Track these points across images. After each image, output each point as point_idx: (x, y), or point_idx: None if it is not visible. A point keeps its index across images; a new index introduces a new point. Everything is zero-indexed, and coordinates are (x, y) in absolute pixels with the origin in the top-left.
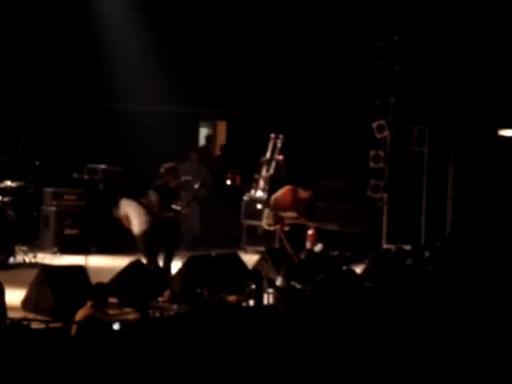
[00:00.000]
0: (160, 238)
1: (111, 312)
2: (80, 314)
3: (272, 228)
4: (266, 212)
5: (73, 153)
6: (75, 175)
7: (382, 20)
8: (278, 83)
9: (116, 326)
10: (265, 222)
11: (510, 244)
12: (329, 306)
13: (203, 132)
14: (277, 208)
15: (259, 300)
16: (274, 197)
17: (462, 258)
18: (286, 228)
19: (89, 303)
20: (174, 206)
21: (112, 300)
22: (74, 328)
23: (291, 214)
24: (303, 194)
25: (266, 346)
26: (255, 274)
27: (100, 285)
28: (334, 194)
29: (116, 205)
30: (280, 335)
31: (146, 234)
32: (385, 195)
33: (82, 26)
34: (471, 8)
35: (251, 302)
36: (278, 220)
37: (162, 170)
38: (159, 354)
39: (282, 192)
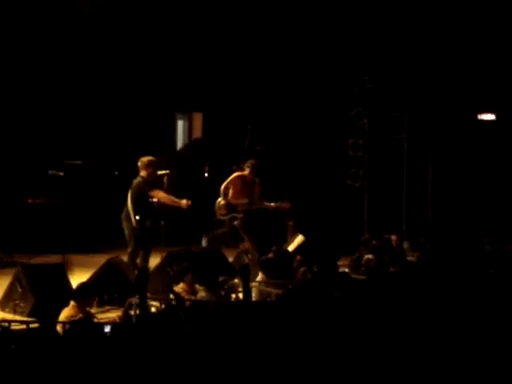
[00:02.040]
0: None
1: (93, 311)
2: (65, 314)
3: (226, 218)
4: (218, 202)
5: (47, 148)
6: (50, 172)
7: (360, 4)
8: (254, 72)
9: (107, 329)
10: (218, 213)
11: (491, 228)
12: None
13: (179, 125)
14: (227, 196)
15: (248, 295)
16: (223, 186)
17: (444, 246)
18: (240, 215)
19: (72, 303)
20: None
21: None
22: (59, 328)
23: (242, 201)
24: (249, 178)
25: (257, 343)
26: (243, 268)
27: (84, 284)
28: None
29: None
30: (274, 331)
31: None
32: (365, 184)
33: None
34: None
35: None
36: (230, 209)
37: (139, 163)
38: (152, 353)
39: (230, 180)
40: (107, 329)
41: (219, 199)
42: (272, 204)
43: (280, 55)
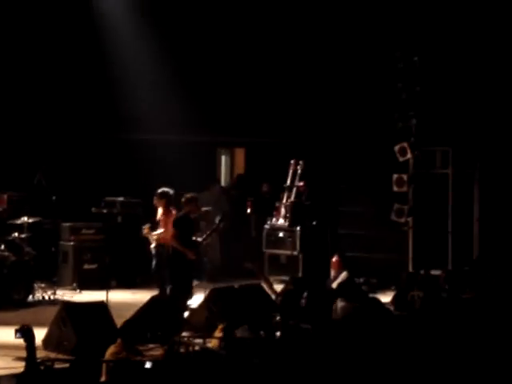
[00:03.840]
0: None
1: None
2: (110, 352)
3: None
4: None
5: (89, 186)
6: (93, 209)
7: (401, 41)
8: (298, 108)
9: (148, 365)
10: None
11: None
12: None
13: (222, 160)
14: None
15: (287, 331)
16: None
17: (492, 281)
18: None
19: (118, 341)
20: (194, 238)
21: None
22: (103, 367)
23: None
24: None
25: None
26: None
27: (129, 322)
28: (357, 220)
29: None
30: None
31: None
32: (410, 219)
33: (97, 58)
34: (490, 28)
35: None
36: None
37: (182, 199)
38: None
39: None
40: (148, 365)
41: None
42: None
43: (325, 90)
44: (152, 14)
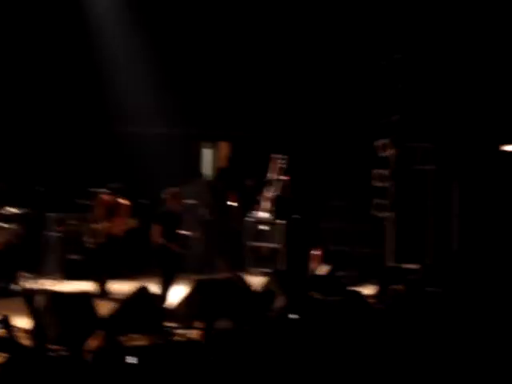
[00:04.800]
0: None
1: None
2: (93, 344)
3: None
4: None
5: (74, 177)
6: (78, 201)
7: (384, 38)
8: (282, 103)
9: (132, 360)
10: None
11: None
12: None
13: (206, 153)
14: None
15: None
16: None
17: (469, 275)
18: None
19: (100, 333)
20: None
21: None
22: (88, 356)
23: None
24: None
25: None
26: (267, 295)
27: (113, 316)
28: (338, 214)
29: None
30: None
31: None
32: (391, 214)
33: (84, 52)
34: (471, 25)
35: None
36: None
37: (164, 195)
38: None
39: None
40: (132, 360)
41: None
42: None
43: (307, 86)
44: (137, 9)
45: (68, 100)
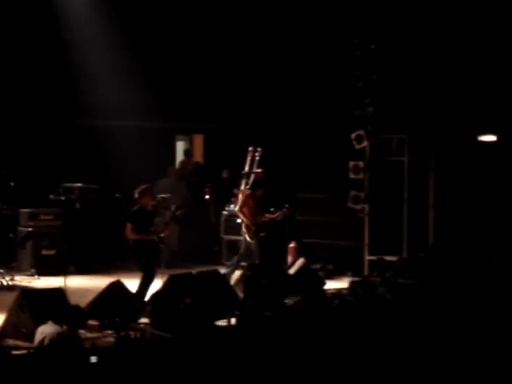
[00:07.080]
0: None
1: (90, 335)
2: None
3: (255, 239)
4: (243, 226)
5: (47, 172)
6: (51, 196)
7: (359, 29)
8: (255, 95)
9: (93, 359)
10: (248, 237)
11: (493, 250)
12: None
13: (180, 146)
14: (246, 216)
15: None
16: (238, 208)
17: (445, 267)
18: (263, 234)
19: (64, 327)
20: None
21: (93, 322)
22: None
23: (264, 217)
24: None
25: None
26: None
27: (75, 308)
28: (314, 207)
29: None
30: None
31: None
32: (366, 206)
33: (55, 44)
34: (446, 16)
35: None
36: (257, 229)
37: (135, 194)
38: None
39: (243, 200)
40: (93, 359)
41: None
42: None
43: (282, 78)
44: (110, 1)
45: (38, 93)
